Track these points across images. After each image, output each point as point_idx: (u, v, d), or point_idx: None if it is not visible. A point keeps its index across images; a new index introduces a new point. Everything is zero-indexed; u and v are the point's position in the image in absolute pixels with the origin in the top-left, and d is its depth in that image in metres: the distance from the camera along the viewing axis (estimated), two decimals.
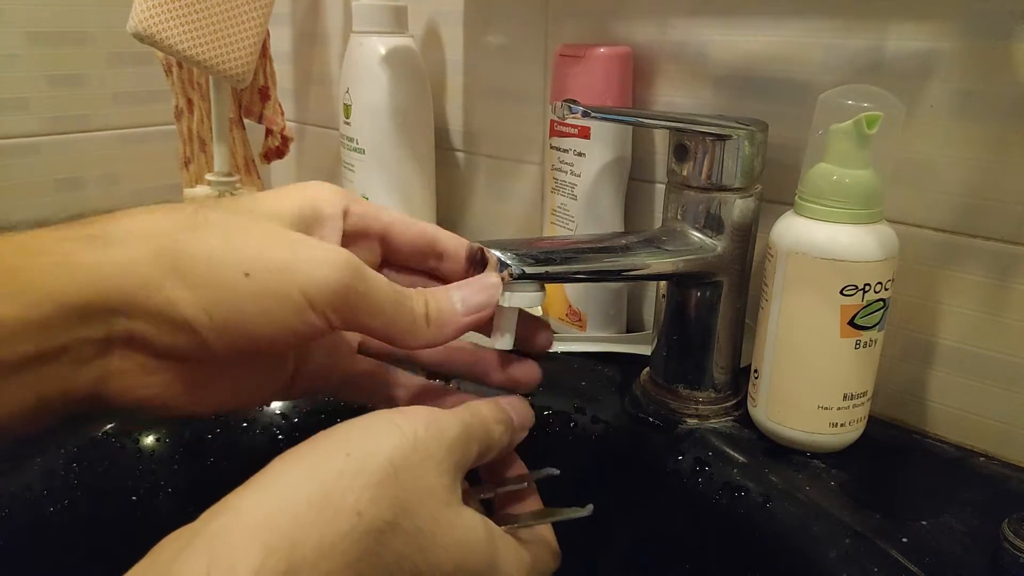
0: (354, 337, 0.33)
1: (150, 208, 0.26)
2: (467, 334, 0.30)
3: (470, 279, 0.30)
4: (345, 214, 0.30)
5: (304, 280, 0.24)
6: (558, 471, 0.30)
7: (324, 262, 0.24)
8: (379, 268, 0.32)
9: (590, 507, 0.30)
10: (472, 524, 0.25)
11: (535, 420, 0.31)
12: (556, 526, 0.30)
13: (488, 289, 0.30)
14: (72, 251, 0.23)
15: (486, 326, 0.32)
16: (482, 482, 0.30)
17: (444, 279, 0.33)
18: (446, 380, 0.34)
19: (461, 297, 0.29)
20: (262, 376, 0.29)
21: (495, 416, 0.29)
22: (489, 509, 0.30)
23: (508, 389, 0.33)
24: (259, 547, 0.20)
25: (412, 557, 0.23)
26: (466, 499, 0.26)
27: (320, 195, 0.29)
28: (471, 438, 0.27)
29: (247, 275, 0.24)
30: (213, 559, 0.20)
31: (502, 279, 0.31)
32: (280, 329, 0.24)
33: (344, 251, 0.26)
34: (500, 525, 0.27)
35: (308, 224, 0.28)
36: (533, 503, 0.31)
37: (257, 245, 0.24)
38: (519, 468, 0.31)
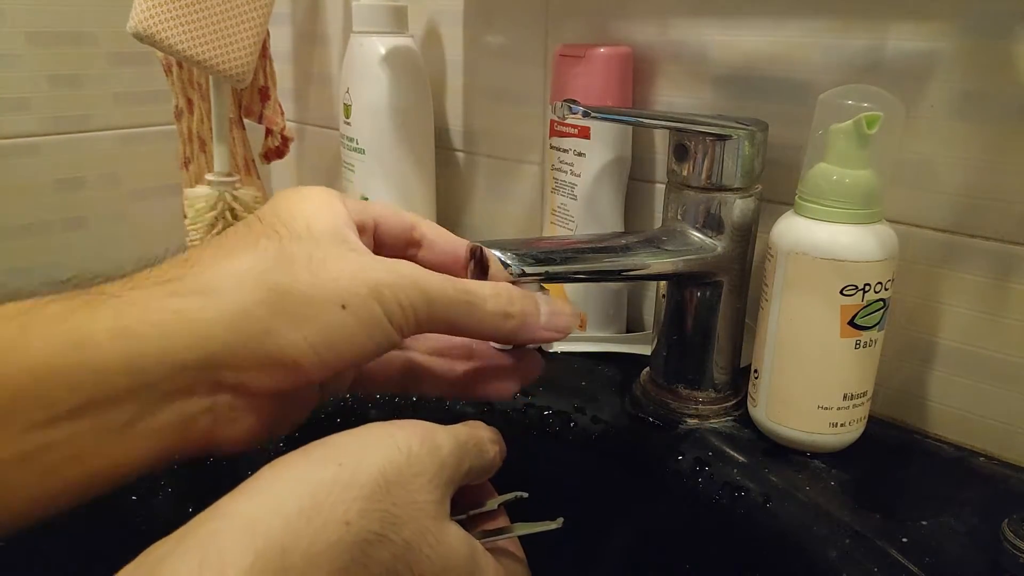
0: None
1: (224, 240, 0.26)
2: None
3: (558, 300, 0.31)
4: (411, 234, 0.32)
5: (379, 296, 0.25)
6: (527, 494, 0.30)
7: (391, 275, 0.26)
8: None
9: (560, 520, 0.30)
10: (457, 541, 0.25)
11: (536, 421, 0.31)
12: (559, 530, 0.30)
13: (571, 316, 0.31)
14: (183, 308, 0.23)
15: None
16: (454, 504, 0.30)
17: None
18: None
19: (548, 312, 0.30)
20: (306, 399, 0.30)
21: (491, 436, 0.29)
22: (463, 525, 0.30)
23: (511, 381, 0.33)
24: (250, 551, 0.20)
25: (398, 570, 0.23)
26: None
27: (330, 202, 0.30)
28: (464, 456, 0.27)
29: (344, 307, 0.25)
30: (204, 560, 0.20)
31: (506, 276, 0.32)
32: (371, 347, 0.26)
33: (407, 264, 0.27)
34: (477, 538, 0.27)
35: (344, 234, 0.28)
36: (503, 520, 0.31)
37: (343, 275, 0.25)
38: (490, 492, 0.31)
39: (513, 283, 0.31)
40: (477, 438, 0.28)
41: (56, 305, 0.23)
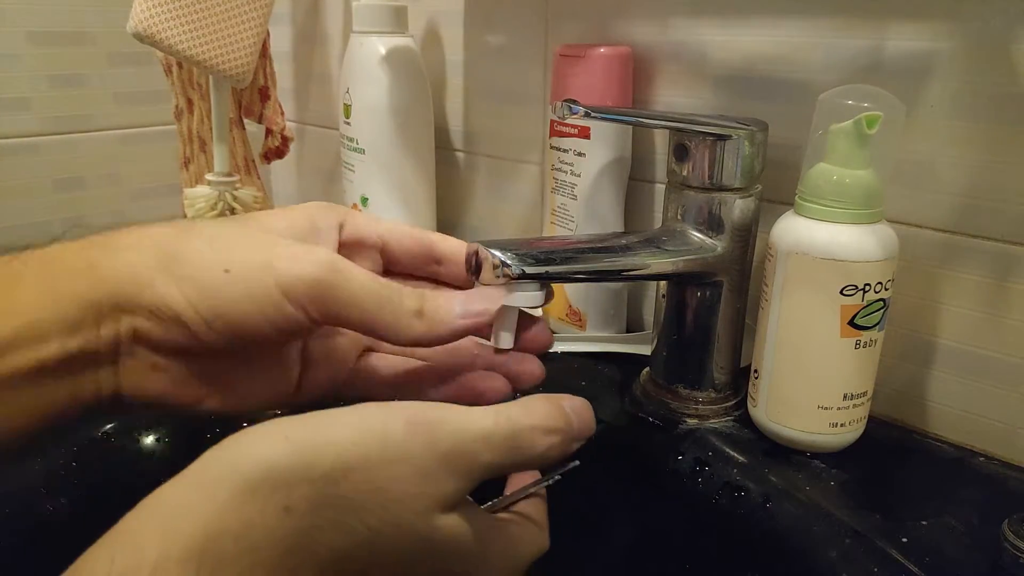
0: (359, 338, 0.33)
1: (159, 223, 0.28)
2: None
3: (476, 289, 0.31)
4: (341, 227, 0.31)
5: (280, 274, 0.26)
6: (577, 462, 0.28)
7: (299, 258, 0.27)
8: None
9: (576, 461, 0.28)
10: (452, 531, 0.24)
11: None
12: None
13: (491, 297, 0.30)
14: (94, 258, 0.26)
15: (485, 331, 0.32)
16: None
17: (449, 285, 0.33)
18: None
19: (463, 300, 0.29)
20: (267, 375, 0.30)
21: (545, 424, 0.26)
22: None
23: (512, 384, 0.32)
24: (167, 538, 0.20)
25: (360, 558, 0.22)
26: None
27: (314, 211, 0.31)
28: (488, 450, 0.25)
29: (227, 271, 0.26)
30: (116, 555, 0.20)
31: (507, 277, 0.31)
32: (261, 320, 0.26)
33: (323, 250, 0.28)
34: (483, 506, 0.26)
35: (302, 236, 0.29)
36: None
37: (238, 246, 0.27)
38: (533, 473, 0.29)
39: (513, 283, 0.32)
40: (518, 430, 0.25)
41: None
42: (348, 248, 0.31)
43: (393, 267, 0.33)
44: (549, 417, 0.26)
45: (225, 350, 0.27)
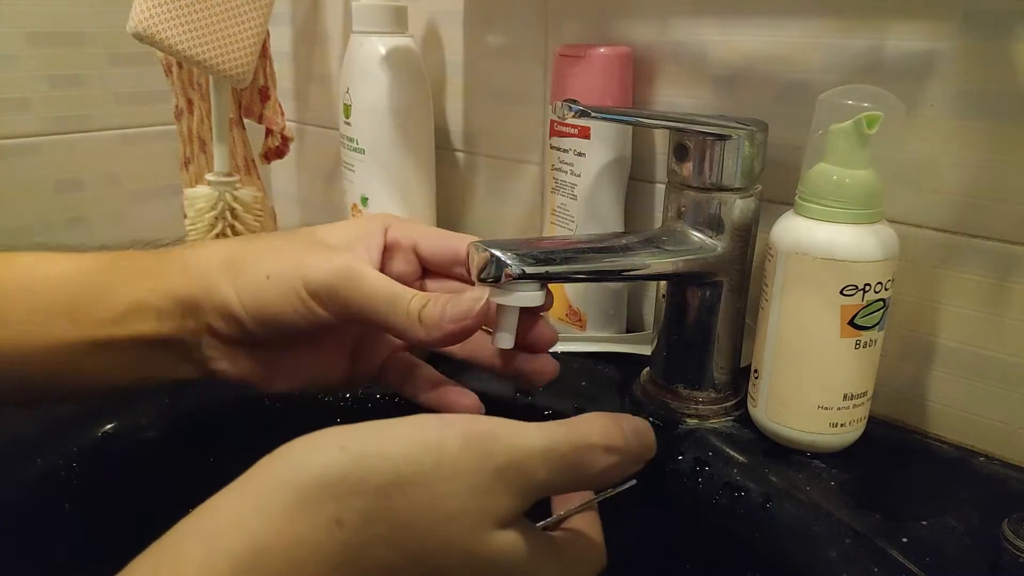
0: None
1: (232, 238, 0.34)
2: None
3: (470, 290, 0.31)
4: (385, 231, 0.35)
5: (305, 278, 0.30)
6: (635, 481, 0.27)
7: (320, 265, 0.30)
8: (420, 277, 0.36)
9: (633, 480, 0.27)
10: (509, 550, 0.23)
11: (536, 421, 0.31)
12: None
13: (469, 301, 0.30)
14: (187, 262, 0.32)
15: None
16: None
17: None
18: None
19: (451, 304, 0.30)
20: (324, 362, 0.35)
21: (605, 443, 0.25)
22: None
23: (524, 383, 0.34)
24: (214, 554, 0.20)
25: (409, 574, 0.22)
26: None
27: (365, 220, 0.35)
28: (546, 468, 0.24)
29: (268, 277, 0.31)
30: (161, 563, 0.20)
31: (506, 275, 0.32)
32: (294, 316, 0.31)
33: (345, 255, 0.31)
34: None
35: (349, 243, 0.33)
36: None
37: (280, 255, 0.32)
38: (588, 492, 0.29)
39: (513, 283, 0.32)
40: (577, 449, 0.25)
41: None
42: (390, 250, 0.35)
43: (428, 267, 0.36)
44: (608, 436, 0.25)
45: (277, 341, 0.32)
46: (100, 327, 0.31)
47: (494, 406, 0.46)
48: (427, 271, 0.36)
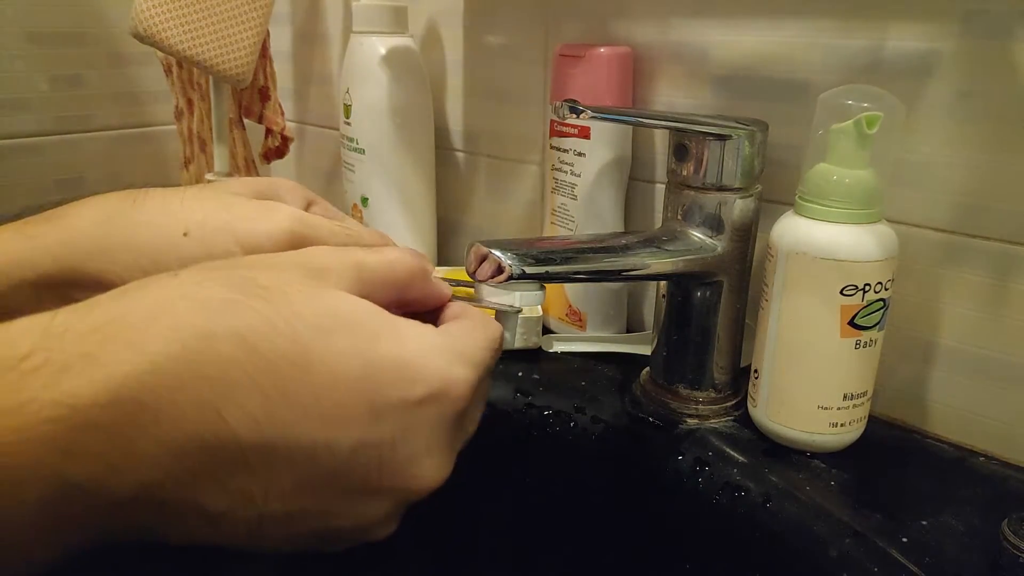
0: None
1: (106, 194, 0.28)
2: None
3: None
4: (308, 207, 0.31)
5: (242, 234, 0.25)
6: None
7: (260, 217, 0.26)
8: None
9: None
10: (343, 299, 0.22)
11: (536, 421, 0.31)
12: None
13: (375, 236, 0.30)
14: (26, 227, 0.27)
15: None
16: None
17: None
18: None
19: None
20: None
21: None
22: None
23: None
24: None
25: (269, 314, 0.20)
26: None
27: (280, 183, 0.31)
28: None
29: (185, 234, 0.26)
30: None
31: (503, 270, 0.31)
32: None
33: (285, 207, 0.27)
34: None
35: (261, 192, 0.29)
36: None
37: (194, 209, 0.26)
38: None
39: (513, 283, 0.32)
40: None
41: None
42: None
43: None
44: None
45: None
46: None
47: (494, 406, 0.46)
48: None
